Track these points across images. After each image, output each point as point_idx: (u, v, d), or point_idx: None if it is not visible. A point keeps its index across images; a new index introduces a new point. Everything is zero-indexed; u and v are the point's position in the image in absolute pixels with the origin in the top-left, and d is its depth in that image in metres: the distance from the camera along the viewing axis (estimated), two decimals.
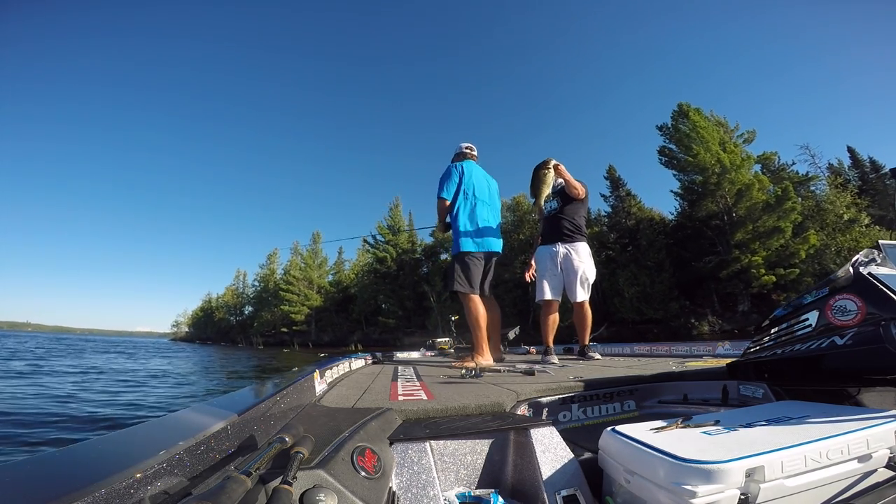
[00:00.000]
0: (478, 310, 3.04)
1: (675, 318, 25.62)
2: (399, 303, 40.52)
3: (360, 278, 46.74)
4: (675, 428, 1.06)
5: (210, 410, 0.98)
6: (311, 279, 49.91)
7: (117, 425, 4.98)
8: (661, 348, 3.70)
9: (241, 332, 64.91)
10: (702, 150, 25.86)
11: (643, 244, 27.65)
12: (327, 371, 2.07)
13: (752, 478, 0.81)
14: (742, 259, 24.04)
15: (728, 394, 1.74)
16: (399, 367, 3.00)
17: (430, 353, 5.11)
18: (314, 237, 53.72)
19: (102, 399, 7.20)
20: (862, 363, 1.29)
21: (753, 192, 24.25)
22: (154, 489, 0.63)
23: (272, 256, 61.15)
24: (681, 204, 30.28)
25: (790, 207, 23.21)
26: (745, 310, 25.56)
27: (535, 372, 2.21)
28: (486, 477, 1.15)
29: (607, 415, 1.80)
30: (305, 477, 0.73)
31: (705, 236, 27.54)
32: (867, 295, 1.27)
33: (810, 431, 0.94)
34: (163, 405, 7.02)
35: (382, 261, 41.87)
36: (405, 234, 42.98)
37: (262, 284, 60.02)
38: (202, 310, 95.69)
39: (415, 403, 1.44)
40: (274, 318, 52.10)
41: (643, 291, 25.39)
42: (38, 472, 0.62)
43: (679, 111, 28.53)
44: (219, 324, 79.57)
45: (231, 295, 76.29)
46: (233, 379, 12.54)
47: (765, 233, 24.06)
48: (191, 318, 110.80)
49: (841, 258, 23.17)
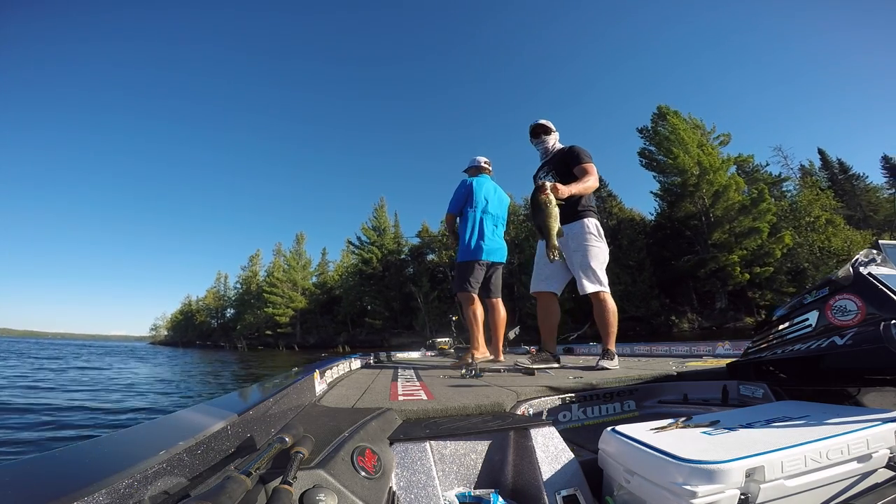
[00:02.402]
0: (473, 309, 3.21)
1: (655, 315, 26.31)
2: (385, 304, 40.33)
3: (345, 280, 46.38)
4: (675, 428, 1.06)
5: (210, 410, 0.97)
6: (295, 281, 49.29)
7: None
8: (661, 348, 3.68)
9: (224, 335, 63.61)
10: (681, 152, 26.59)
11: (624, 244, 28.32)
12: (327, 371, 2.05)
13: (752, 478, 0.82)
14: (720, 258, 24.84)
15: (728, 394, 1.74)
16: (399, 368, 2.99)
17: (430, 353, 5.10)
18: (298, 238, 53.02)
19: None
20: (862, 363, 1.29)
21: (730, 193, 25.06)
22: (154, 489, 0.63)
23: (254, 258, 60.25)
24: (660, 205, 31.07)
25: (766, 209, 24.05)
26: (722, 307, 26.39)
27: (535, 372, 2.22)
28: (486, 477, 1.15)
29: (607, 415, 1.81)
30: (305, 477, 0.73)
31: (684, 236, 28.37)
32: (867, 295, 1.28)
33: (810, 431, 0.95)
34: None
35: (368, 262, 41.60)
36: (391, 235, 42.80)
37: (245, 286, 59.02)
38: (182, 312, 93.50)
39: (415, 403, 1.44)
40: (257, 321, 51.28)
41: (625, 290, 26.05)
42: (38, 472, 0.61)
43: (658, 114, 29.23)
44: (200, 327, 77.90)
45: (212, 297, 74.79)
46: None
47: (742, 233, 24.91)
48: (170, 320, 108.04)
49: (814, 256, 24.17)
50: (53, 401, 6.88)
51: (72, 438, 4.72)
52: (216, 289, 74.94)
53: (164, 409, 6.56)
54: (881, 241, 1.47)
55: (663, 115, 28.81)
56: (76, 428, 5.20)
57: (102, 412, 6.21)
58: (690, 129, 28.61)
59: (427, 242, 40.01)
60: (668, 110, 28.89)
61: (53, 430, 4.98)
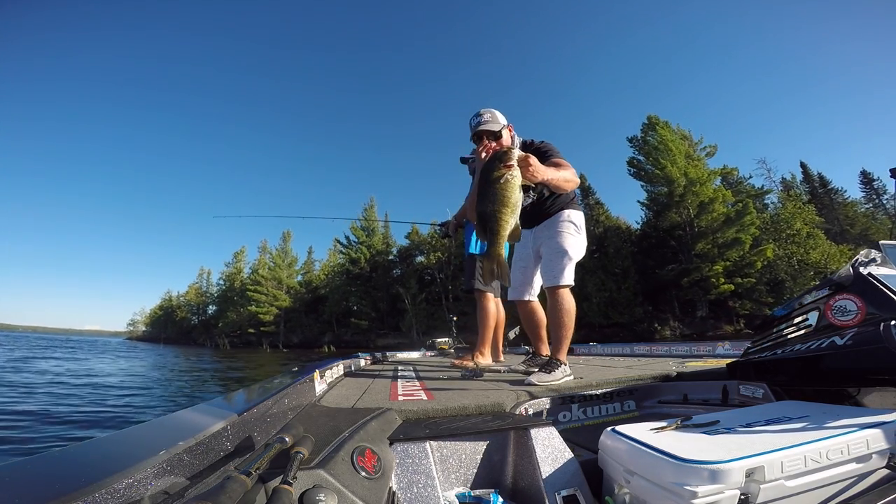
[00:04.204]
0: (490, 309, 3.11)
1: (639, 322, 26.81)
2: (372, 304, 40.08)
3: (332, 279, 45.93)
4: (675, 428, 1.07)
5: (210, 410, 0.97)
6: (281, 279, 48.64)
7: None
8: (661, 348, 3.68)
9: (205, 332, 62.32)
10: (668, 163, 27.12)
11: (610, 252, 28.84)
12: (327, 371, 2.05)
13: (752, 478, 0.82)
14: (703, 268, 25.41)
15: (728, 394, 1.75)
16: (399, 368, 2.97)
17: (430, 353, 5.08)
18: (284, 236, 52.34)
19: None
20: (862, 363, 1.29)
21: (716, 205, 25.66)
22: (154, 489, 0.63)
23: (239, 255, 59.21)
24: (646, 214, 31.62)
25: (750, 221, 24.69)
26: (703, 315, 27.00)
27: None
28: (486, 477, 1.15)
29: (607, 415, 1.82)
30: (305, 477, 0.73)
31: (669, 246, 28.96)
32: (867, 295, 1.29)
33: (810, 432, 0.96)
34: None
35: (356, 261, 41.31)
36: (379, 236, 42.57)
37: (228, 283, 57.93)
38: (161, 308, 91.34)
39: (415, 403, 1.44)
40: (240, 319, 50.39)
41: (610, 297, 26.55)
42: (38, 472, 0.62)
43: (648, 123, 29.76)
44: (180, 323, 76.17)
45: (194, 293, 73.20)
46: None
47: (725, 244, 25.51)
48: (149, 316, 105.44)
49: (792, 268, 24.92)
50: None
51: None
52: (198, 284, 73.47)
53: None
54: (881, 241, 1.48)
55: (653, 126, 29.33)
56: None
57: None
58: (679, 140, 29.20)
59: (417, 244, 39.92)
60: (657, 120, 29.42)
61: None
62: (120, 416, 6.18)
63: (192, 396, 8.56)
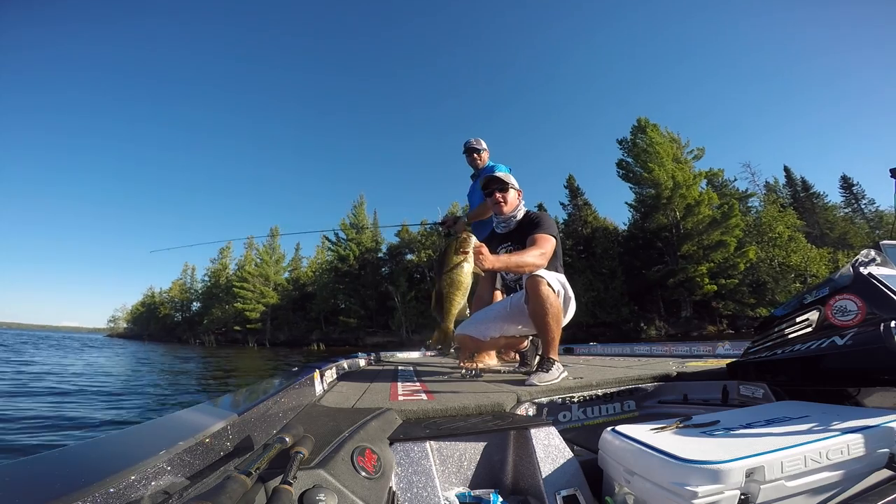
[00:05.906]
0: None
1: (625, 321, 27.28)
2: (361, 302, 39.84)
3: (320, 276, 45.51)
4: (675, 428, 1.08)
5: (210, 410, 0.97)
6: (268, 276, 48.02)
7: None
8: (661, 348, 3.66)
9: (189, 329, 61.16)
10: (656, 166, 27.56)
11: (598, 252, 29.26)
12: (327, 371, 2.04)
13: (752, 478, 0.83)
14: (688, 269, 25.91)
15: (728, 394, 1.76)
16: (399, 368, 2.96)
17: (430, 353, 5.08)
18: (272, 232, 51.64)
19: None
20: (862, 363, 1.29)
21: (702, 207, 26.17)
22: (154, 489, 0.63)
23: (225, 251, 58.23)
24: (633, 215, 32.07)
25: (735, 224, 25.24)
26: (687, 315, 27.58)
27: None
28: (486, 477, 1.15)
29: (607, 415, 1.83)
30: (305, 477, 0.73)
31: (655, 247, 29.47)
32: (867, 295, 1.29)
33: (810, 432, 0.96)
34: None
35: (344, 259, 41.00)
36: (369, 233, 42.32)
37: (213, 280, 56.95)
38: (143, 304, 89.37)
39: (415, 403, 1.43)
40: (226, 316, 49.62)
41: (597, 296, 26.95)
42: (38, 472, 0.61)
43: (638, 126, 30.16)
44: (163, 320, 74.64)
45: (178, 289, 71.81)
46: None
47: (710, 246, 26.05)
48: (130, 312, 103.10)
49: (774, 270, 25.58)
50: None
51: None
52: (182, 281, 72.12)
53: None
54: (882, 241, 1.48)
55: (643, 128, 29.77)
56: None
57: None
58: (667, 143, 29.69)
59: (407, 242, 39.79)
60: (647, 123, 29.86)
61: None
62: (120, 417, 6.12)
63: (192, 397, 8.40)
